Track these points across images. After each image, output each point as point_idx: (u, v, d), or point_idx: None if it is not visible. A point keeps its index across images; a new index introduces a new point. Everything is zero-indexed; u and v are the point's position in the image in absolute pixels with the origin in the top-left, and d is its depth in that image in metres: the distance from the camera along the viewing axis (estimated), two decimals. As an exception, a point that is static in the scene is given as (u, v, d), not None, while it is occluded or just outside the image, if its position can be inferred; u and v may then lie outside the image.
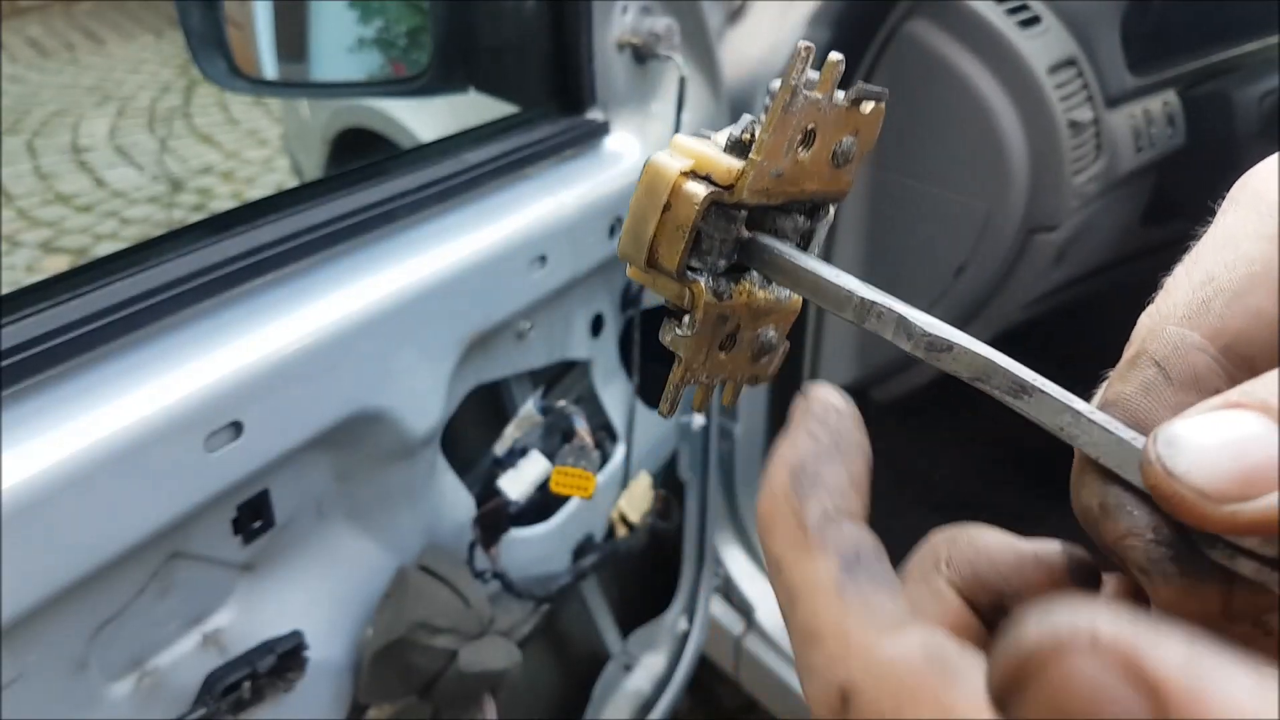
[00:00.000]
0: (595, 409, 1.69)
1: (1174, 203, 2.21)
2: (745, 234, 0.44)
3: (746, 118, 0.42)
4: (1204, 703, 0.24)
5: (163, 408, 0.98)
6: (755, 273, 0.46)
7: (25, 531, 0.88)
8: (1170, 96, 2.10)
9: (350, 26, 1.78)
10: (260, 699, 1.19)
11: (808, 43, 0.39)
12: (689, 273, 0.44)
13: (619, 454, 1.70)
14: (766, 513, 0.36)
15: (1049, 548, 0.40)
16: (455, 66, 1.58)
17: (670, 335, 0.46)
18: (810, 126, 0.42)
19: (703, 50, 1.57)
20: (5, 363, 0.90)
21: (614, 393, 1.71)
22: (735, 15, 1.84)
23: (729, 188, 0.41)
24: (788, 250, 0.44)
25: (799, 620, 0.34)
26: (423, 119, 2.30)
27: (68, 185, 5.64)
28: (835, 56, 0.41)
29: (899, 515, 2.46)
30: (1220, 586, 0.34)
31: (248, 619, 1.20)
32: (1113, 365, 0.39)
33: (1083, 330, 2.52)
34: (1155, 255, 2.36)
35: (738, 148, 0.42)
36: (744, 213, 0.43)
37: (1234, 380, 0.35)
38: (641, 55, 1.52)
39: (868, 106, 0.43)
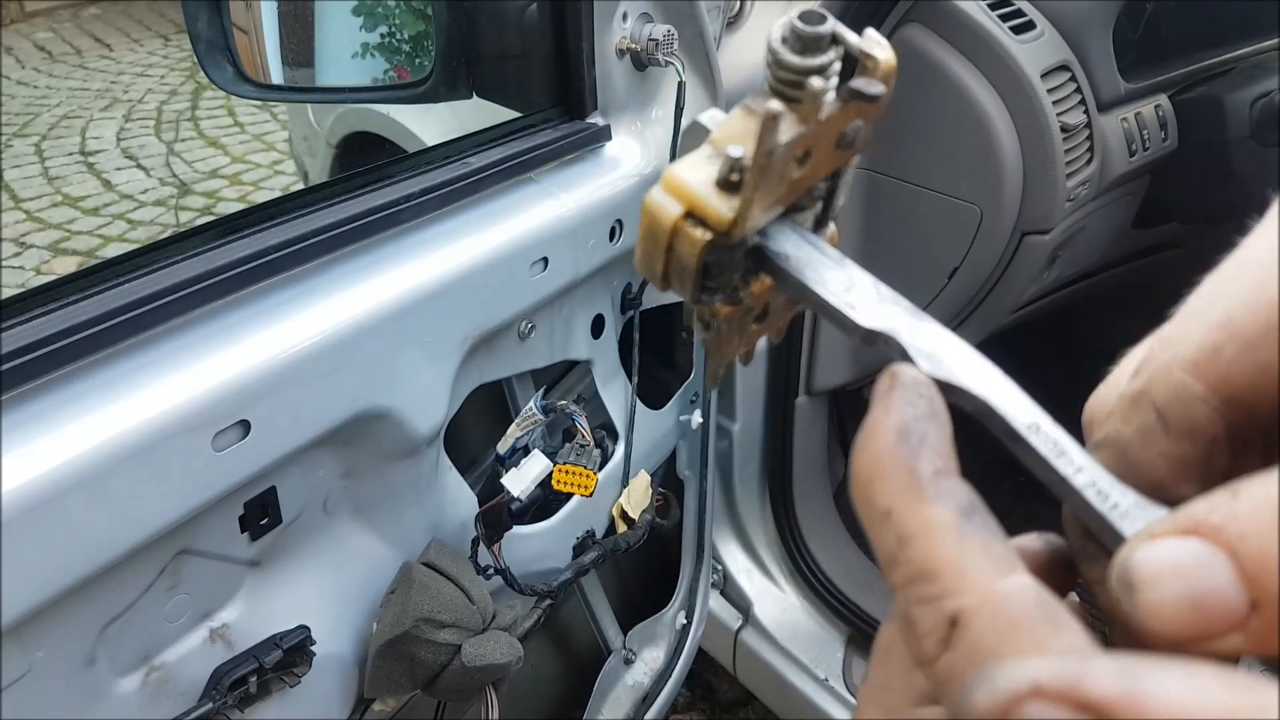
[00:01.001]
0: (596, 408, 1.70)
1: (1166, 206, 2.21)
2: (755, 241, 0.44)
3: (731, 154, 0.40)
4: (1142, 704, 0.28)
5: (171, 407, 0.99)
6: None
7: (35, 529, 0.89)
8: (1162, 101, 2.10)
9: (355, 33, 1.79)
10: (266, 693, 1.20)
11: (776, 107, 0.39)
12: (704, 296, 0.44)
13: (619, 452, 1.72)
14: (870, 467, 0.37)
15: (1025, 542, 0.42)
16: (458, 72, 1.59)
17: (700, 337, 0.47)
18: (801, 153, 0.42)
19: (701, 55, 1.58)
20: (15, 363, 0.91)
21: (614, 392, 1.72)
22: (733, 21, 1.85)
23: (725, 232, 0.41)
24: (794, 265, 0.44)
25: (913, 559, 0.35)
26: (427, 124, 2.30)
27: (76, 188, 5.65)
28: (815, 85, 0.40)
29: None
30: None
31: (254, 614, 1.21)
32: (1105, 365, 0.41)
33: (1075, 332, 2.53)
34: (1147, 258, 2.37)
35: (728, 185, 0.41)
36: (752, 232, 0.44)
37: (1232, 428, 0.36)
38: (641, 61, 1.53)
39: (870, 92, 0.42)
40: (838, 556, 2.36)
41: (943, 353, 0.41)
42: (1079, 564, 0.40)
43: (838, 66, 0.42)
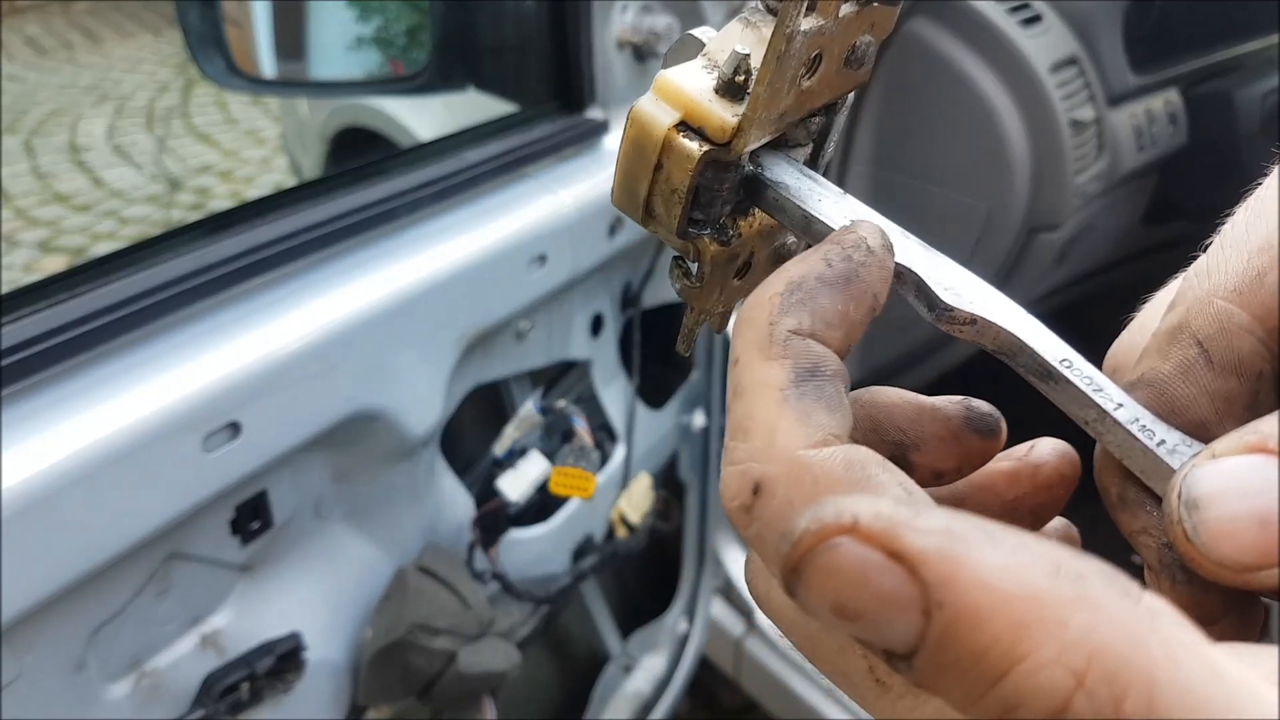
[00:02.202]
0: (595, 409, 1.69)
1: (1175, 202, 2.21)
2: (749, 168, 0.41)
3: (737, 51, 0.37)
4: (957, 571, 0.25)
5: (161, 408, 0.98)
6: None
7: (23, 532, 0.88)
8: (1172, 95, 2.10)
9: (349, 25, 1.78)
10: (259, 700, 1.19)
11: None
12: (691, 228, 0.41)
13: (619, 454, 1.70)
14: (745, 311, 0.36)
15: (948, 400, 0.40)
16: (454, 65, 1.58)
17: (679, 284, 0.44)
18: (814, 54, 0.39)
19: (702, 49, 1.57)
20: (3, 362, 0.90)
21: (614, 393, 1.71)
22: (736, 13, 1.84)
23: (726, 144, 0.38)
24: (794, 194, 0.40)
25: (734, 414, 0.34)
26: (422, 118, 2.30)
27: (66, 185, 5.64)
28: None
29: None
30: (1222, 597, 0.34)
31: (246, 620, 1.20)
32: (1145, 298, 0.38)
33: (1084, 330, 2.53)
34: (1156, 255, 2.36)
35: (730, 89, 0.38)
36: (747, 154, 0.40)
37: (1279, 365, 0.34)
38: (642, 54, 1.52)
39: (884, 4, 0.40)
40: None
41: (964, 286, 0.38)
42: (1116, 516, 0.37)
43: None
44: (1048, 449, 0.40)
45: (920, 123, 1.89)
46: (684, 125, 0.38)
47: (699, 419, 1.91)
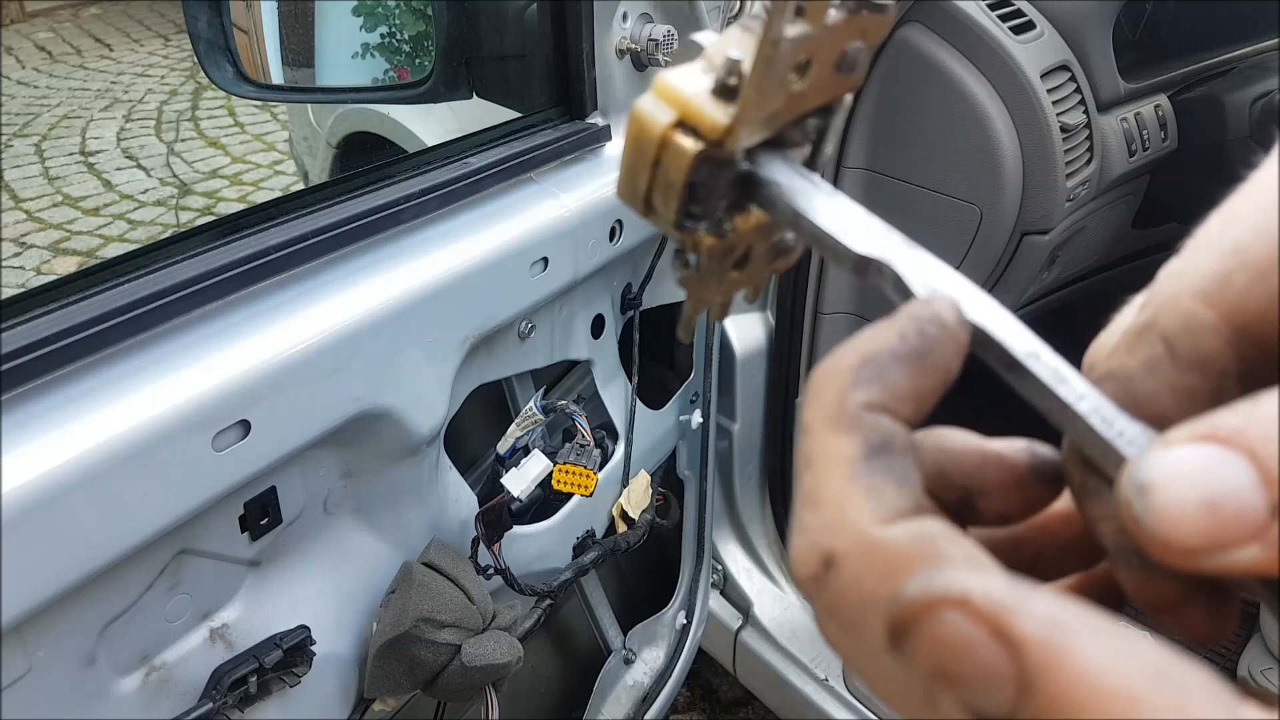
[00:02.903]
0: (596, 408, 1.70)
1: (1166, 206, 2.21)
2: (745, 167, 0.42)
3: (731, 56, 0.39)
4: (1061, 661, 0.27)
5: (171, 407, 0.98)
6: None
7: (36, 528, 0.89)
8: (1162, 101, 2.10)
9: (355, 33, 1.79)
10: (266, 693, 1.20)
11: None
12: (688, 221, 0.42)
13: (619, 452, 1.72)
14: (817, 379, 0.36)
15: (1013, 446, 0.40)
16: (459, 72, 1.59)
17: (679, 274, 0.45)
18: (803, 59, 0.40)
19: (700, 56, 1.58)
20: (16, 363, 0.91)
21: (614, 392, 1.73)
22: (733, 20, 1.85)
23: (719, 142, 0.39)
24: (786, 192, 0.41)
25: (805, 484, 0.35)
26: (427, 124, 2.30)
27: (76, 188, 5.65)
28: None
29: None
30: (1179, 583, 0.34)
31: (254, 614, 1.21)
32: (1127, 299, 0.39)
33: (1074, 332, 2.53)
34: (1147, 258, 2.37)
35: (724, 91, 0.39)
36: (742, 152, 0.41)
37: (1243, 361, 0.35)
38: (641, 61, 1.53)
39: (874, 14, 0.41)
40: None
41: (938, 281, 0.39)
42: (1079, 502, 0.38)
43: None
44: None
45: (913, 127, 1.90)
46: (681, 124, 0.39)
47: (697, 418, 1.93)
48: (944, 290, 0.39)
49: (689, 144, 0.39)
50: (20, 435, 0.91)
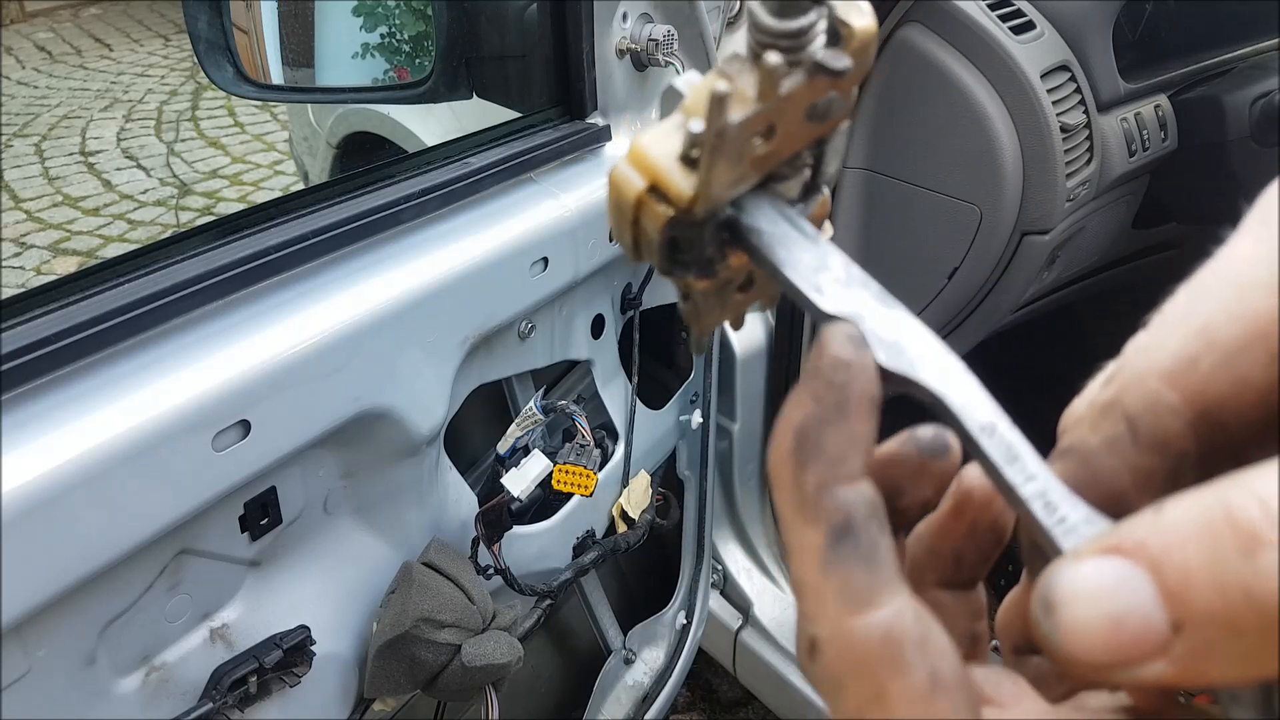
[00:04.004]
0: (596, 408, 1.70)
1: (1165, 206, 2.21)
2: (728, 213, 0.42)
3: (692, 129, 0.39)
4: None
5: (171, 407, 0.99)
6: None
7: (36, 529, 0.89)
8: (1161, 101, 2.10)
9: (355, 33, 1.79)
10: (266, 693, 1.20)
11: (723, 87, 0.37)
12: (676, 269, 0.43)
13: (619, 452, 1.72)
14: (773, 473, 0.38)
15: (899, 443, 0.43)
16: (459, 72, 1.59)
17: (680, 308, 0.46)
18: (764, 127, 0.40)
19: (702, 56, 1.58)
20: (16, 363, 0.91)
21: (614, 392, 1.73)
22: (733, 21, 1.85)
23: (688, 208, 0.40)
24: (766, 242, 0.42)
25: (792, 573, 0.37)
26: (427, 124, 2.30)
27: (76, 188, 5.65)
28: (771, 62, 0.38)
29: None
30: None
31: (254, 614, 1.21)
32: (1102, 366, 0.39)
33: (1074, 332, 2.53)
34: (1146, 258, 2.37)
35: (692, 161, 0.40)
36: (723, 205, 0.42)
37: (1203, 444, 0.35)
38: (641, 61, 1.53)
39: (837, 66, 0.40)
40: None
41: (905, 342, 0.39)
42: (1030, 575, 0.39)
43: (822, 27, 0.40)
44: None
45: (913, 127, 1.90)
46: (653, 189, 0.40)
47: (697, 418, 1.93)
48: (910, 350, 0.39)
49: (660, 210, 0.40)
50: (20, 435, 0.91)
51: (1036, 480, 0.36)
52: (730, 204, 0.42)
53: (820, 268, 0.41)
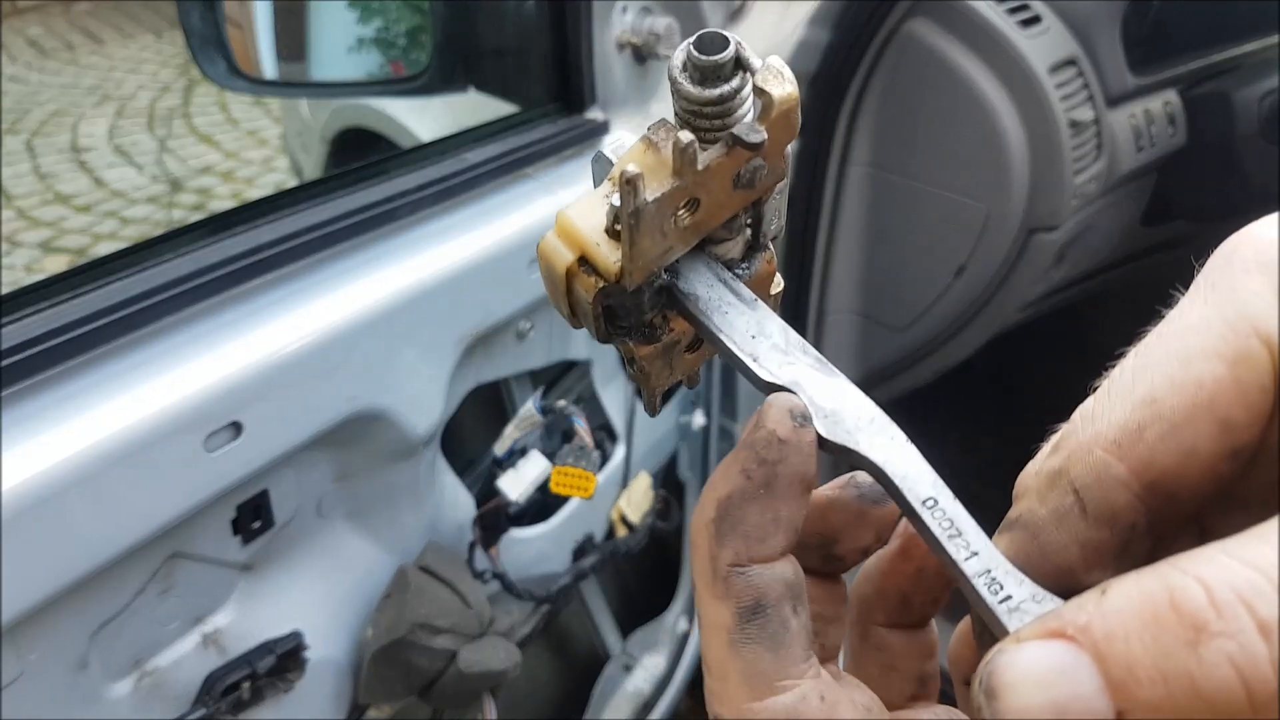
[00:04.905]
0: (595, 409, 1.69)
1: (1174, 203, 2.20)
2: (663, 279, 0.42)
3: (614, 203, 0.39)
4: None
5: (162, 408, 0.98)
6: None
7: (25, 531, 0.88)
8: (1171, 96, 2.09)
9: (350, 26, 1.78)
10: (260, 699, 1.20)
11: (632, 170, 0.37)
12: (615, 334, 0.43)
13: (619, 454, 1.71)
14: (692, 541, 0.39)
15: (837, 487, 0.43)
16: (455, 66, 1.58)
17: (627, 371, 0.46)
18: (685, 200, 0.40)
19: (703, 50, 1.57)
20: (5, 362, 0.91)
21: (613, 393, 1.71)
22: (735, 15, 1.84)
23: (618, 281, 0.40)
24: (702, 307, 0.42)
25: (702, 647, 0.38)
26: (423, 119, 2.29)
27: (67, 185, 5.64)
28: (682, 140, 0.38)
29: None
30: None
31: (247, 619, 1.20)
32: (1112, 366, 0.37)
33: (1082, 331, 2.52)
34: (1155, 256, 2.36)
35: (618, 234, 0.39)
36: (660, 272, 0.42)
37: (1152, 515, 0.34)
38: (642, 55, 1.52)
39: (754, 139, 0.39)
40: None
41: (845, 411, 0.39)
42: (980, 649, 0.38)
43: (748, 93, 0.40)
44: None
45: (919, 123, 1.89)
46: (583, 260, 0.40)
47: (698, 418, 1.91)
48: (849, 420, 0.39)
49: (591, 281, 0.41)
50: (7, 437, 0.90)
51: (981, 557, 0.36)
52: (665, 270, 0.42)
53: (758, 334, 0.41)
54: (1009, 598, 0.35)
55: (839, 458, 0.39)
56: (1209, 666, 0.27)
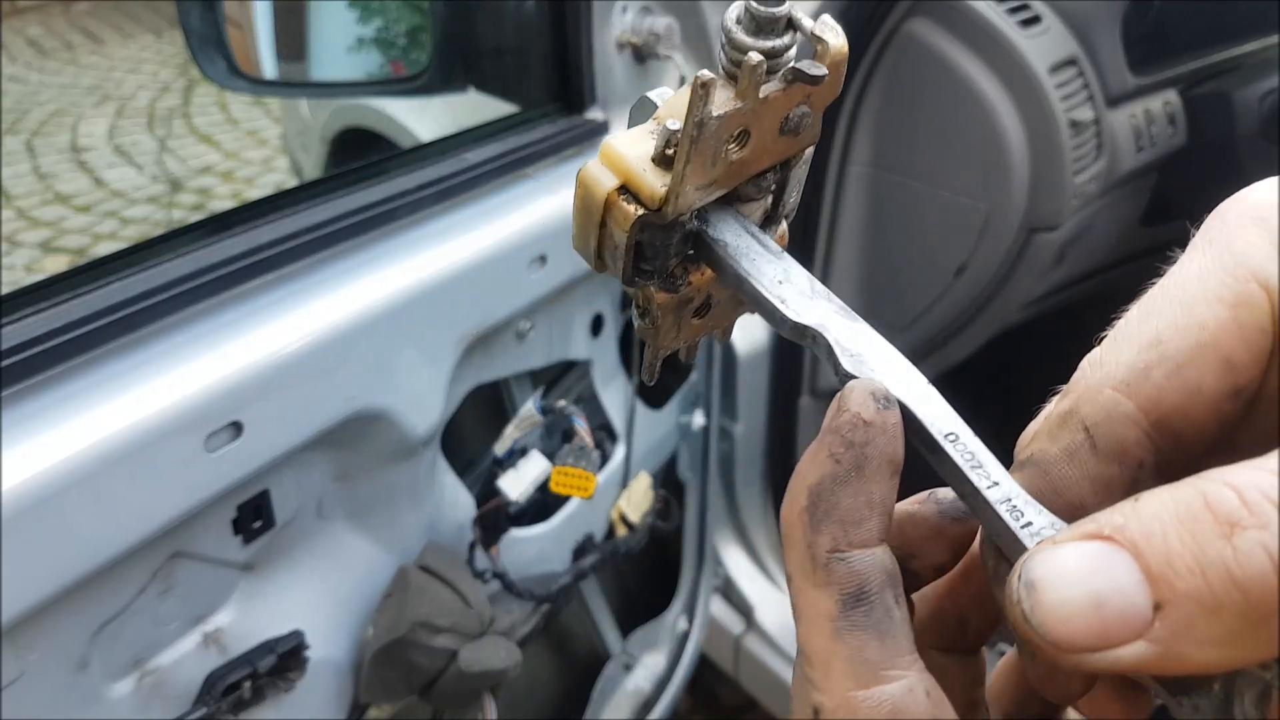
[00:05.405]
0: (595, 409, 1.69)
1: (1174, 203, 2.20)
2: (694, 225, 0.44)
3: (670, 126, 0.40)
4: None
5: (162, 408, 0.98)
6: None
7: (26, 531, 0.88)
8: (1171, 96, 2.09)
9: (350, 26, 1.78)
10: (261, 699, 1.19)
11: (707, 75, 0.38)
12: (638, 278, 0.44)
13: (619, 454, 1.70)
14: (784, 529, 0.38)
15: (918, 501, 0.43)
16: (455, 66, 1.58)
17: (637, 324, 0.47)
18: (739, 130, 0.41)
19: (703, 49, 1.57)
20: (5, 363, 0.90)
21: (614, 393, 1.71)
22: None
23: (658, 209, 0.41)
24: (731, 253, 0.43)
25: (799, 636, 0.37)
26: (422, 119, 2.29)
27: (67, 185, 5.64)
28: (753, 59, 0.39)
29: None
30: (1081, 676, 0.36)
31: (248, 618, 1.20)
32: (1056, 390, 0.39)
33: (1082, 330, 2.53)
34: (1156, 255, 2.36)
35: (664, 160, 0.41)
36: (690, 215, 0.43)
37: (1160, 454, 0.36)
38: (642, 55, 1.52)
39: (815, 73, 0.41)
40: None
41: (868, 353, 0.40)
42: (993, 587, 0.39)
43: (793, 52, 0.41)
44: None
45: (919, 123, 1.89)
46: (624, 189, 0.41)
47: (698, 419, 1.91)
48: (873, 360, 0.40)
49: (631, 210, 0.41)
50: (8, 437, 0.90)
51: (1001, 486, 0.37)
52: (696, 217, 0.43)
53: (784, 280, 0.43)
54: (1030, 524, 0.36)
55: None
56: (1244, 555, 0.28)
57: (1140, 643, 0.30)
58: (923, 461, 0.40)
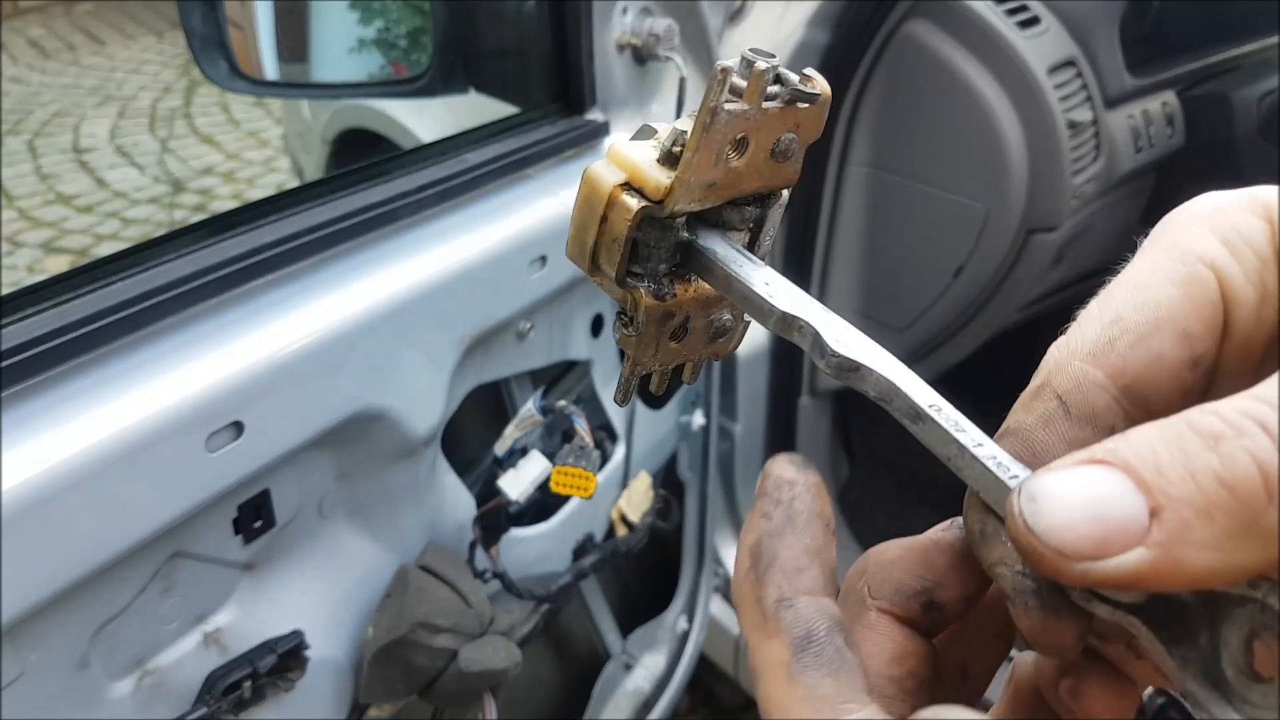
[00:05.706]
0: (595, 409, 1.69)
1: (1173, 203, 2.20)
2: (685, 236, 0.46)
3: (677, 127, 0.43)
4: None
5: (164, 408, 0.98)
6: None
7: (27, 531, 0.88)
8: (1169, 97, 2.09)
9: (351, 28, 1.79)
10: (261, 698, 1.19)
11: (726, 63, 0.41)
12: (630, 279, 0.46)
13: (619, 454, 1.70)
14: (735, 596, 0.40)
15: (941, 530, 0.43)
16: (455, 67, 1.58)
17: (619, 334, 0.49)
18: (740, 135, 0.43)
19: (703, 51, 1.57)
20: (6, 363, 0.90)
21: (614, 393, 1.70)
22: (735, 16, 1.84)
23: (660, 202, 0.43)
24: (720, 259, 0.45)
25: (759, 694, 0.38)
26: (423, 120, 2.29)
27: (69, 186, 5.63)
28: (761, 65, 0.42)
29: (900, 515, 2.45)
30: (1077, 621, 0.37)
31: (249, 618, 1.20)
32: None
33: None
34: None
35: (669, 158, 0.43)
36: (682, 220, 0.45)
37: (1130, 419, 0.38)
38: (642, 56, 1.52)
39: (805, 104, 0.44)
40: (842, 560, 2.34)
41: (852, 340, 0.42)
42: (978, 550, 0.40)
43: (779, 104, 0.44)
44: None
45: (918, 124, 1.89)
46: (627, 185, 0.44)
47: (698, 418, 1.91)
48: (857, 345, 0.42)
49: (634, 202, 0.43)
50: (10, 437, 0.90)
51: (985, 446, 0.39)
52: (687, 229, 0.46)
53: (770, 283, 0.45)
54: (1015, 476, 0.37)
55: (848, 378, 0.42)
56: (1229, 459, 0.31)
57: (1139, 549, 0.32)
58: (930, 473, 0.41)
